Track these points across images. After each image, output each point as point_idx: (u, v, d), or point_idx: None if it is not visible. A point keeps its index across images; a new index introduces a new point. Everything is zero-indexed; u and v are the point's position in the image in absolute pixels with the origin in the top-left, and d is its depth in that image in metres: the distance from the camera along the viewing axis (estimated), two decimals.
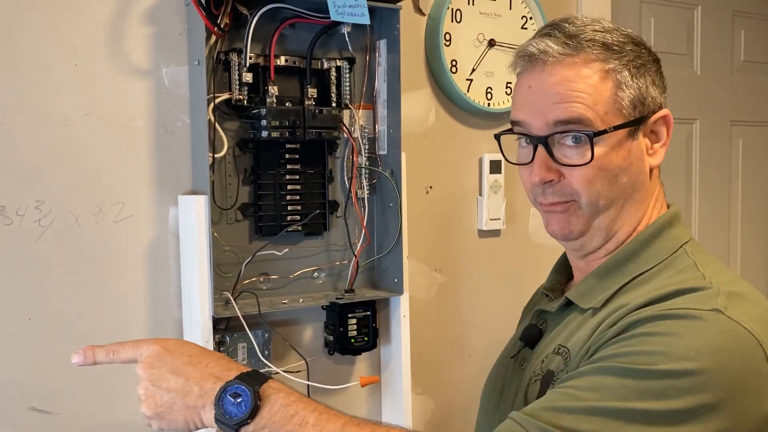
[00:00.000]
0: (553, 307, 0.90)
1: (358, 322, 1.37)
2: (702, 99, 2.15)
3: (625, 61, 0.82)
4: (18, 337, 1.15)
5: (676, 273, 0.81)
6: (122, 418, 1.24)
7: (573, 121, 0.81)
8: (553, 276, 1.00)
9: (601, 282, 0.85)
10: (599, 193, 0.83)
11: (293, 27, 1.31)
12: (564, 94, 0.81)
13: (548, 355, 0.86)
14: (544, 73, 0.83)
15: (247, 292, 1.28)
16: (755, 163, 2.33)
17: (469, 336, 1.62)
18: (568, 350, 0.82)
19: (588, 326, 0.82)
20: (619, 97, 0.81)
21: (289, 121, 1.26)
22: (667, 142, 0.86)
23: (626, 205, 0.85)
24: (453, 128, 1.59)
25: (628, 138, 0.83)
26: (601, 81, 0.81)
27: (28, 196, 1.15)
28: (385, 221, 1.40)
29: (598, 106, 0.81)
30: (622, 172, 0.83)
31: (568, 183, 0.83)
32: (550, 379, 0.83)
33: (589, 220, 0.85)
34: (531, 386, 0.86)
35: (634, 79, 0.82)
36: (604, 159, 0.81)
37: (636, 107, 0.83)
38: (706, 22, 2.15)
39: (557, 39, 0.82)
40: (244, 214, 1.31)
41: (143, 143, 1.24)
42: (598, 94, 0.81)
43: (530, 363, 0.90)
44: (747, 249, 2.32)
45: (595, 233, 0.86)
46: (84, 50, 1.18)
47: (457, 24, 1.55)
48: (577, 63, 0.81)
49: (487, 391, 1.02)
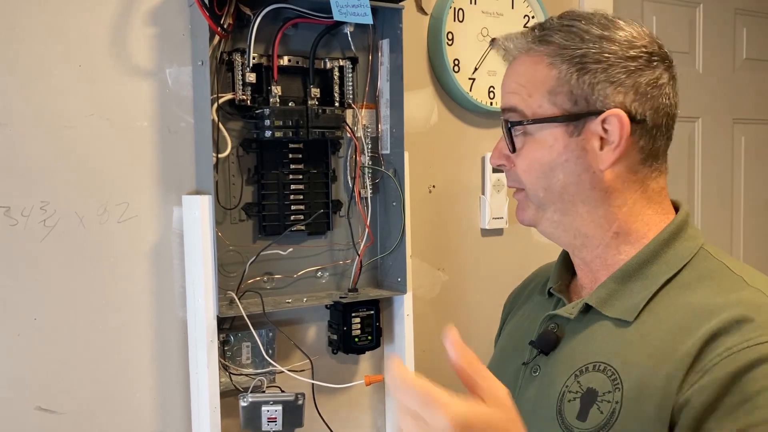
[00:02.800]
0: (571, 312, 0.85)
1: (362, 321, 1.37)
2: (704, 97, 2.15)
3: (576, 56, 0.80)
4: (23, 337, 1.16)
5: (714, 279, 0.79)
6: (126, 418, 1.24)
7: (510, 109, 0.84)
8: (559, 273, 0.95)
9: (623, 287, 0.82)
10: (536, 184, 0.84)
11: (296, 27, 1.31)
12: (509, 85, 0.86)
13: (583, 369, 0.80)
14: (509, 68, 0.88)
15: (251, 292, 1.28)
16: (757, 161, 2.33)
17: (471, 335, 1.62)
18: (615, 370, 0.77)
19: (631, 342, 0.78)
20: (556, 92, 0.81)
21: (292, 121, 1.27)
22: (620, 145, 0.80)
23: (584, 205, 0.83)
24: (456, 127, 1.60)
25: (566, 134, 0.81)
26: (543, 76, 0.82)
27: (33, 196, 1.16)
28: (388, 220, 1.40)
29: (533, 98, 0.82)
30: (556, 168, 0.82)
31: (515, 170, 0.87)
32: (593, 399, 0.78)
33: (537, 210, 0.87)
34: (566, 404, 0.80)
35: (579, 75, 0.80)
36: (533, 151, 0.84)
37: (577, 103, 0.81)
38: (708, 20, 2.15)
39: (527, 36, 0.85)
40: (247, 213, 1.31)
41: (147, 144, 1.24)
42: (534, 87, 0.82)
43: (550, 373, 0.85)
44: (749, 246, 2.32)
45: (551, 225, 0.87)
46: (87, 51, 1.19)
47: (460, 23, 1.55)
48: (528, 60, 0.84)
49: None
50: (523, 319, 0.99)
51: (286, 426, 1.21)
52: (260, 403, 1.21)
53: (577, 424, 0.78)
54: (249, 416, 1.21)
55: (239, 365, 1.30)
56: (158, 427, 1.27)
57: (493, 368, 0.97)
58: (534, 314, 0.95)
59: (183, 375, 1.28)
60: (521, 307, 1.03)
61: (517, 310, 1.04)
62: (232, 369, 1.28)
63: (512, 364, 0.92)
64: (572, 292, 0.93)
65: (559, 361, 0.84)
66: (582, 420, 0.78)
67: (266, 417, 1.20)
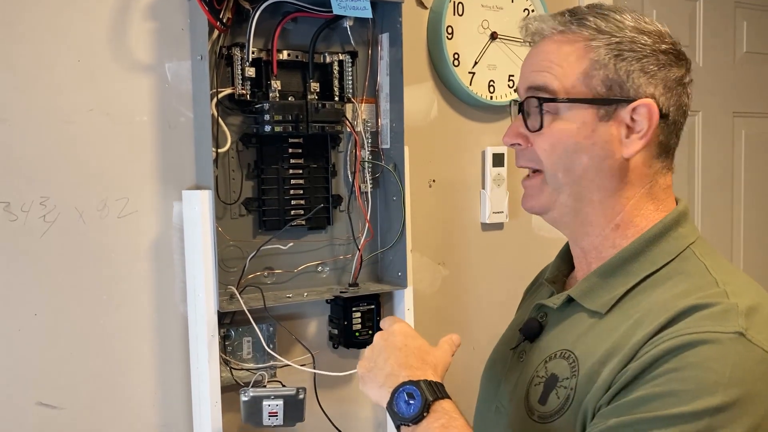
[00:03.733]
0: (555, 303, 0.88)
1: (363, 315, 1.37)
2: (704, 90, 2.14)
3: (614, 42, 0.80)
4: (24, 333, 1.16)
5: (686, 278, 0.79)
6: (127, 413, 1.24)
7: (539, 88, 0.83)
8: (557, 264, 0.98)
9: (605, 281, 0.83)
10: (557, 165, 0.83)
11: (295, 21, 1.31)
12: (539, 64, 0.84)
13: (552, 356, 0.84)
14: (535, 48, 0.87)
15: (252, 287, 1.28)
16: (758, 154, 2.33)
17: (472, 329, 1.63)
18: (576, 358, 0.80)
19: (597, 334, 0.80)
20: (591, 75, 0.81)
21: (292, 116, 1.26)
22: (647, 135, 0.81)
23: (599, 192, 0.83)
24: (455, 121, 1.59)
25: (596, 118, 0.81)
26: (577, 57, 0.81)
27: (33, 192, 1.15)
28: (389, 215, 1.40)
29: (567, 78, 0.82)
30: (581, 150, 0.82)
31: (533, 149, 0.85)
32: (554, 383, 0.81)
33: (552, 194, 0.85)
34: (533, 387, 0.84)
35: (616, 61, 0.80)
36: (560, 131, 0.82)
37: (611, 89, 0.81)
38: (708, 13, 2.14)
39: (558, 18, 0.84)
40: (248, 208, 1.31)
41: (147, 139, 1.24)
42: (569, 67, 0.82)
43: (530, 358, 0.88)
44: (749, 240, 2.32)
45: (562, 211, 0.85)
46: (87, 46, 1.18)
47: (459, 17, 1.54)
48: (562, 40, 0.83)
49: (485, 379, 1.01)
50: (525, 308, 1.02)
51: (287, 420, 1.21)
52: (261, 397, 1.21)
53: (537, 407, 0.82)
54: (250, 411, 1.21)
55: (240, 360, 1.30)
56: (159, 421, 1.27)
57: (493, 352, 1.03)
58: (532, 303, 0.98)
59: (184, 370, 1.28)
60: (530, 297, 1.06)
61: (527, 299, 1.08)
62: (233, 364, 1.28)
63: (506, 349, 0.96)
64: (567, 284, 0.95)
65: (538, 348, 0.88)
66: (542, 403, 0.82)
67: (267, 411, 1.21)
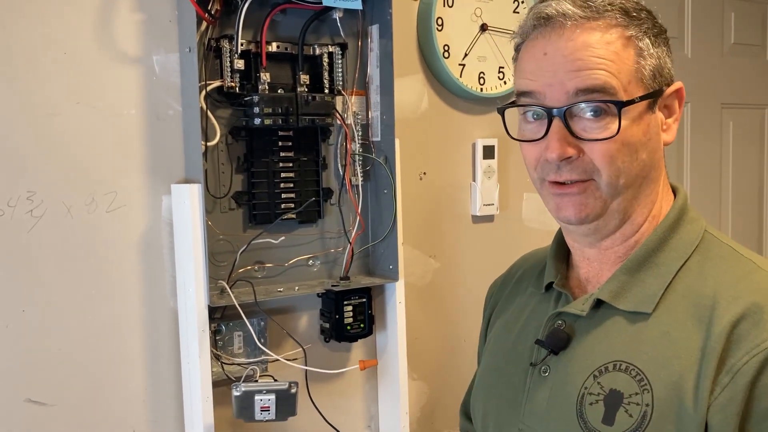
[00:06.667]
0: (582, 309, 0.81)
1: (354, 309, 1.36)
2: (693, 82, 2.15)
3: (645, 28, 0.76)
4: (12, 329, 1.14)
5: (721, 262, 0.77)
6: (117, 409, 1.24)
7: (597, 89, 0.74)
8: (555, 266, 0.89)
9: (634, 278, 0.79)
10: (620, 170, 0.75)
11: (284, 13, 1.30)
12: (587, 61, 0.74)
13: (602, 369, 0.77)
14: (562, 39, 0.75)
15: (243, 281, 1.27)
16: (746, 146, 2.34)
17: (464, 321, 1.63)
18: (639, 370, 0.75)
19: (652, 340, 0.75)
20: (640, 65, 0.75)
21: (281, 108, 1.25)
22: (678, 117, 0.80)
23: (643, 186, 0.79)
24: (446, 114, 1.59)
25: (647, 111, 0.77)
26: (623, 48, 0.75)
27: (20, 186, 1.14)
28: (380, 208, 1.40)
29: (622, 74, 0.74)
30: (642, 148, 0.76)
31: (589, 159, 0.75)
32: (619, 401, 0.75)
33: (607, 201, 0.77)
34: (588, 407, 0.76)
35: (654, 48, 0.76)
36: (628, 133, 0.75)
37: (655, 78, 0.77)
38: (696, 4, 2.15)
39: (575, 2, 0.76)
40: (237, 202, 1.30)
41: (135, 132, 1.22)
42: (621, 61, 0.74)
43: (561, 373, 0.81)
44: (737, 230, 2.34)
45: (611, 216, 0.79)
46: (73, 38, 1.17)
47: (450, 8, 1.54)
48: (598, 28, 0.75)
49: (494, 400, 0.90)
50: (520, 316, 0.93)
51: (279, 415, 1.21)
52: (253, 392, 1.20)
53: (603, 428, 0.75)
54: (242, 405, 1.20)
55: (231, 355, 1.29)
56: (150, 417, 1.26)
57: (494, 369, 0.93)
58: (533, 310, 0.91)
59: (174, 365, 1.27)
60: (511, 301, 0.97)
61: (506, 303, 0.99)
62: (224, 358, 1.27)
63: (518, 365, 0.87)
64: (574, 286, 0.87)
65: (573, 361, 0.80)
66: (608, 424, 0.75)
67: (259, 406, 1.20)
